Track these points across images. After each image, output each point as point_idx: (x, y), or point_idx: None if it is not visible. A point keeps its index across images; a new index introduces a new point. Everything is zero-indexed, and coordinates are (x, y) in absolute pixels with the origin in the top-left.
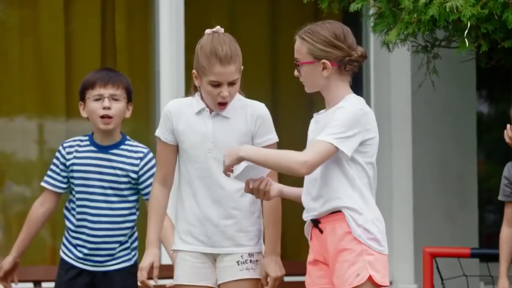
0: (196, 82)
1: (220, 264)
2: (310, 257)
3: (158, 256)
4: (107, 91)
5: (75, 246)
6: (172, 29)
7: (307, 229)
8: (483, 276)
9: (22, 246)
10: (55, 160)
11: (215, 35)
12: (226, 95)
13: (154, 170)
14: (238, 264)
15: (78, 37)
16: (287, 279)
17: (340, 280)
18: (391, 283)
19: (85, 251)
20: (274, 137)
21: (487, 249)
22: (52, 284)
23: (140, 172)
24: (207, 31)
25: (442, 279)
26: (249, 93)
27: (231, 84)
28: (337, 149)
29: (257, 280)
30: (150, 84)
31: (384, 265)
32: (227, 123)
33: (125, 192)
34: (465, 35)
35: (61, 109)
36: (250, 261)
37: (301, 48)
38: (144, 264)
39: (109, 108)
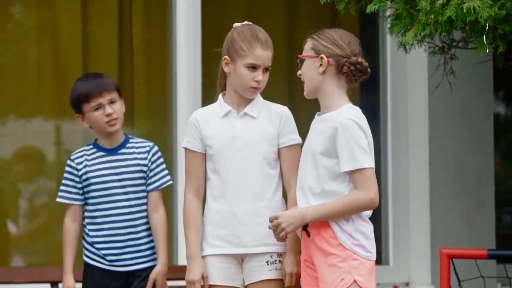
0: (226, 69)
1: (248, 264)
2: (302, 257)
3: (204, 266)
4: (104, 99)
5: (101, 251)
6: (189, 31)
7: (299, 231)
8: (500, 277)
9: (72, 263)
10: (67, 175)
11: (250, 25)
12: (260, 79)
13: (160, 161)
14: (268, 264)
15: (95, 39)
16: None
17: (325, 285)
18: (408, 284)
19: (115, 251)
20: (297, 138)
21: (504, 250)
22: None
23: (149, 164)
24: (237, 24)
25: (459, 281)
26: (267, 93)
27: (265, 70)
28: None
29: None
30: (167, 86)
31: (369, 270)
32: (255, 122)
33: (142, 188)
34: (483, 37)
35: None
36: (279, 261)
37: (306, 45)
38: (196, 276)
39: (112, 113)
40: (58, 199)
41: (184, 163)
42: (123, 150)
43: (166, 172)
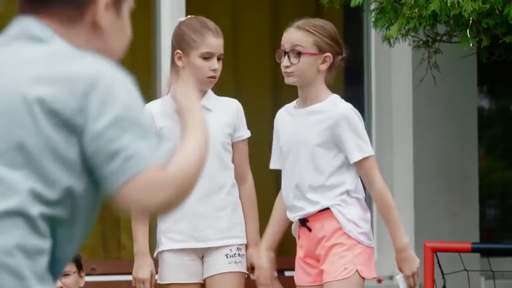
0: (180, 63)
1: (208, 258)
2: (299, 254)
3: (153, 265)
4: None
5: None
6: (174, 24)
7: (295, 228)
8: (484, 271)
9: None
10: None
11: (196, 17)
12: (217, 68)
13: None
14: (227, 257)
15: None
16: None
17: (328, 275)
18: (392, 278)
19: None
20: (249, 131)
21: (488, 243)
22: None
23: None
24: (181, 19)
25: (443, 274)
26: (250, 89)
27: (219, 59)
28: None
29: (243, 274)
30: (151, 79)
31: (369, 257)
32: (211, 115)
33: None
34: (467, 31)
35: None
36: (238, 254)
37: (306, 39)
38: (146, 275)
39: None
40: None
41: None
42: None
43: None
